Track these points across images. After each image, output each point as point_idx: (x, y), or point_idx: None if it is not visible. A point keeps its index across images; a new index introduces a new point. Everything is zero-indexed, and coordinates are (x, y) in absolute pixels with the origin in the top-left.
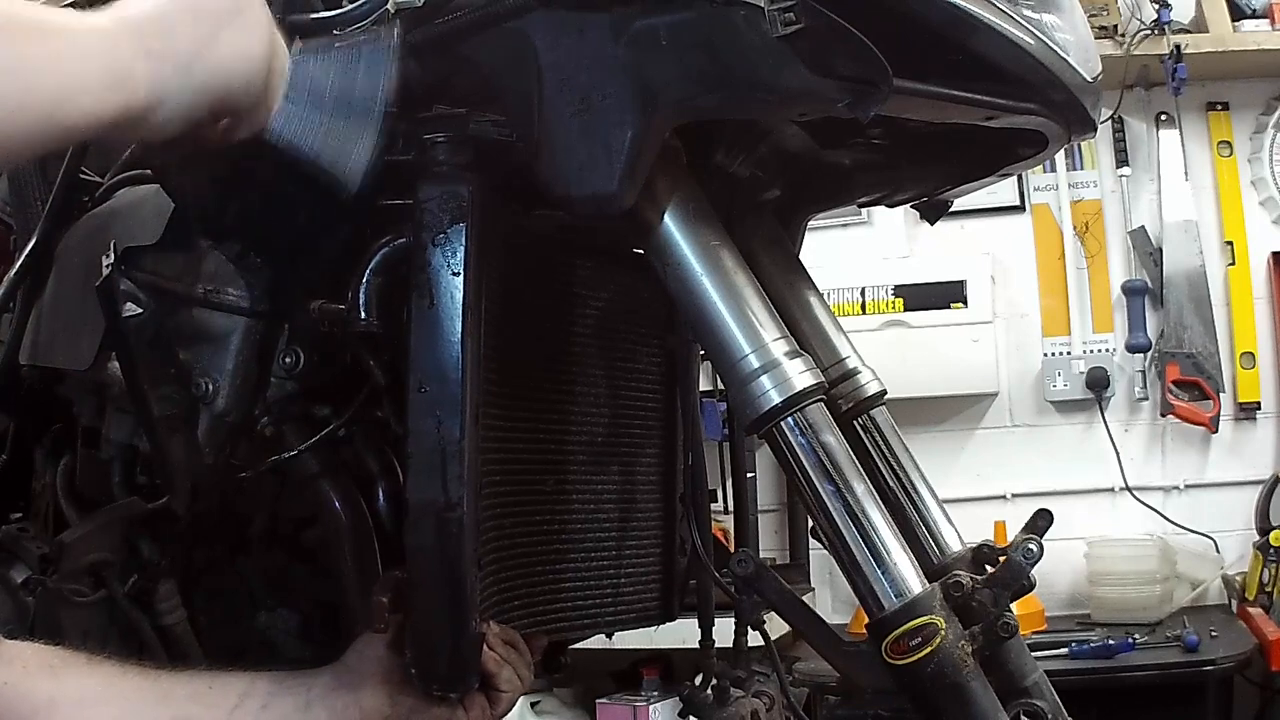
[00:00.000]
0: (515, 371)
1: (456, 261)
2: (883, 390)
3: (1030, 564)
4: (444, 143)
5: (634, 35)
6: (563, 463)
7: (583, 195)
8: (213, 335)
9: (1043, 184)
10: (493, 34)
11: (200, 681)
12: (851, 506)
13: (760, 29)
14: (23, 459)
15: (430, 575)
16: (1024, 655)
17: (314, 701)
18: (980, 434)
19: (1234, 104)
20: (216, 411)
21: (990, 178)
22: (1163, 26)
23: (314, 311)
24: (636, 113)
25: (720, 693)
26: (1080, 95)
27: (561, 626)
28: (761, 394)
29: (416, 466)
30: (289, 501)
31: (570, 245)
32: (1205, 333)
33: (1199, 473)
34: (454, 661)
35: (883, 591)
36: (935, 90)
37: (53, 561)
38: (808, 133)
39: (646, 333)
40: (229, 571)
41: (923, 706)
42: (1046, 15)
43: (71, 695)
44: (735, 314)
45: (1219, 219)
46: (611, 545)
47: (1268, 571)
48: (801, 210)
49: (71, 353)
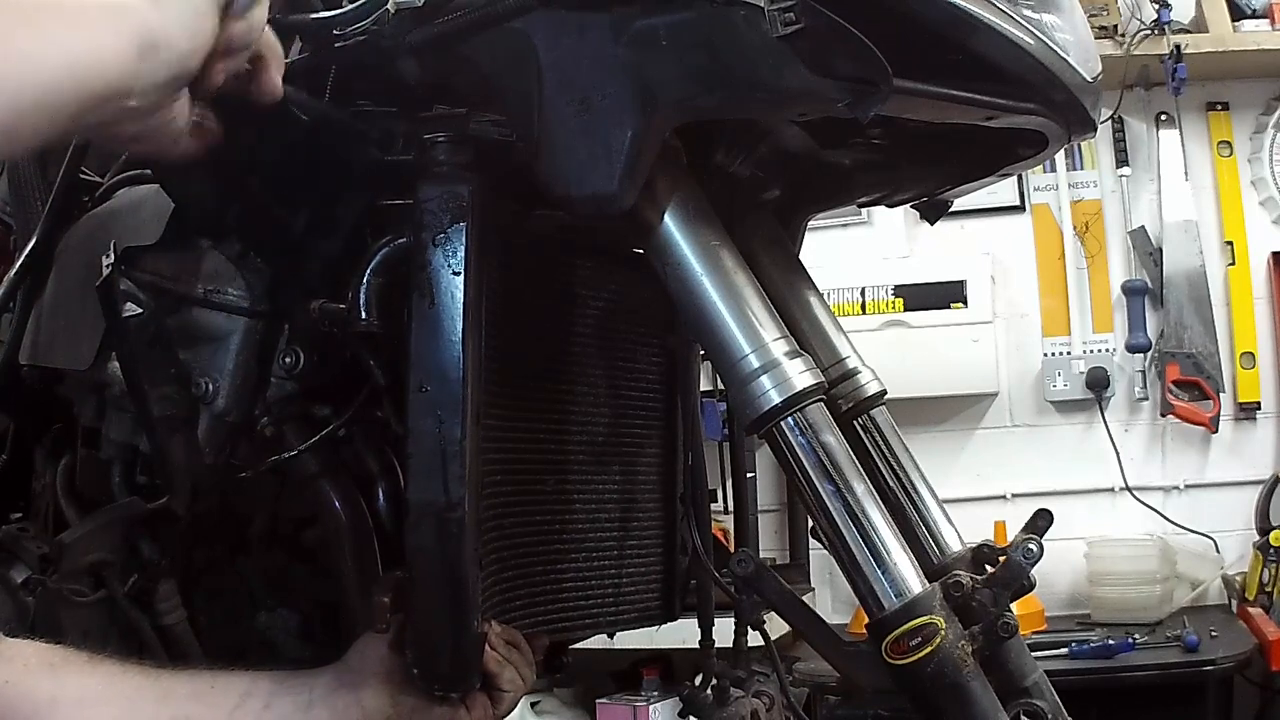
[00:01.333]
0: (516, 371)
1: (457, 261)
2: (883, 390)
3: (1030, 564)
4: (444, 143)
5: (634, 35)
6: (563, 463)
7: (583, 195)
8: (213, 335)
9: (1043, 184)
10: (493, 34)
11: (201, 681)
12: (851, 506)
13: (760, 29)
14: (23, 459)
15: (431, 575)
16: (1024, 655)
17: (316, 701)
18: (980, 434)
19: (1234, 104)
20: (216, 411)
21: (990, 178)
22: (1163, 26)
23: (314, 311)
24: (636, 113)
25: (720, 693)
26: (1080, 95)
27: (562, 626)
28: (761, 394)
29: (417, 466)
30: (289, 501)
31: (570, 245)
32: (1205, 333)
33: (1199, 473)
34: (455, 661)
35: (883, 591)
36: (935, 90)
37: (53, 561)
38: (808, 133)
39: (646, 333)
40: (229, 571)
41: (923, 706)
42: (1046, 15)
43: (72, 694)
44: (735, 314)
45: (1219, 219)
46: (612, 545)
47: (1268, 571)
48: (801, 210)
49: (71, 353)
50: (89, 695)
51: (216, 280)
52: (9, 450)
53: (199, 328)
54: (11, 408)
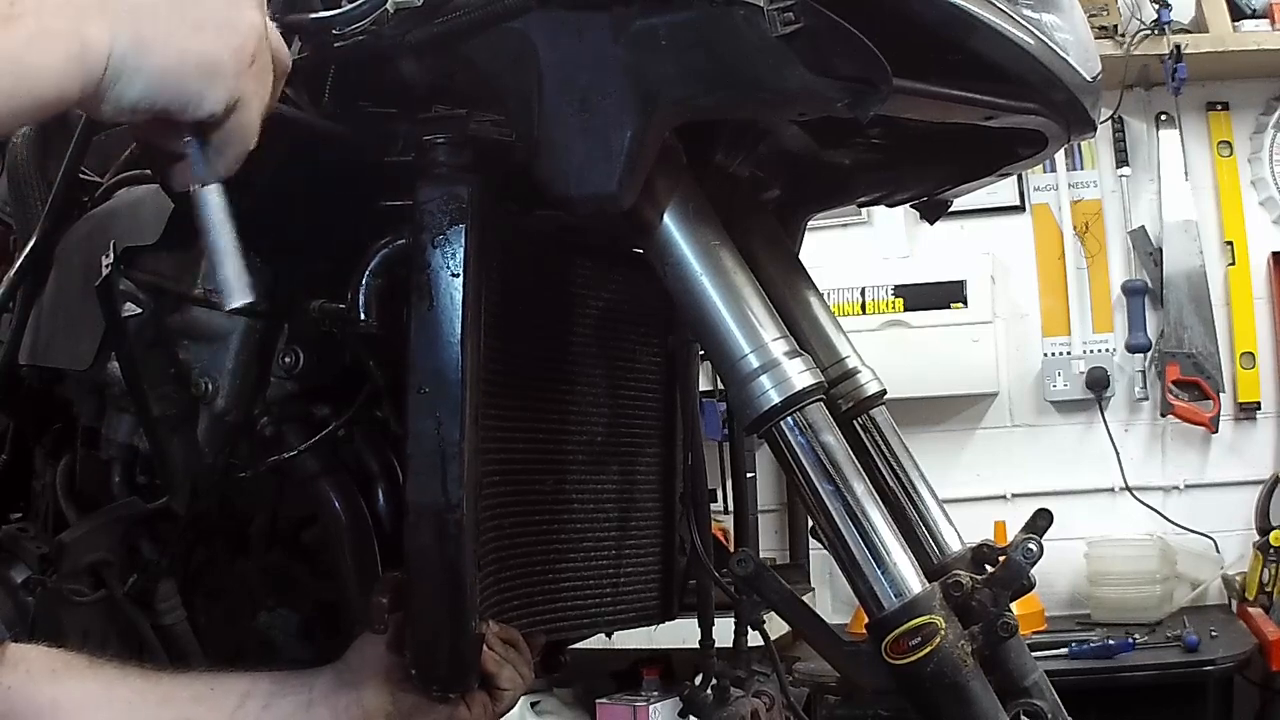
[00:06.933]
0: (515, 372)
1: (456, 262)
2: (882, 390)
3: (1030, 564)
4: (444, 144)
5: (634, 35)
6: (562, 463)
7: (583, 195)
8: (213, 335)
9: (1043, 184)
10: (492, 34)
11: (202, 683)
12: (851, 506)
13: (760, 29)
14: (23, 459)
15: (430, 576)
16: (1024, 655)
17: (316, 701)
18: (980, 434)
19: (1234, 104)
20: (216, 411)
21: (990, 178)
22: (1163, 26)
23: (314, 311)
24: (636, 112)
25: (720, 693)
26: (1080, 95)
27: (561, 626)
28: (761, 394)
29: (416, 467)
30: (289, 501)
31: (570, 245)
32: (1205, 333)
33: (1199, 473)
34: (454, 661)
35: (882, 591)
36: (935, 90)
37: (53, 561)
38: (808, 133)
39: (646, 333)
40: (229, 571)
41: (922, 706)
42: (1046, 15)
43: (73, 699)
44: (735, 314)
45: (1219, 219)
46: (611, 545)
47: (1268, 571)
48: (801, 210)
49: (71, 353)
50: (89, 699)
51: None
52: (9, 450)
53: (199, 328)
54: (11, 408)
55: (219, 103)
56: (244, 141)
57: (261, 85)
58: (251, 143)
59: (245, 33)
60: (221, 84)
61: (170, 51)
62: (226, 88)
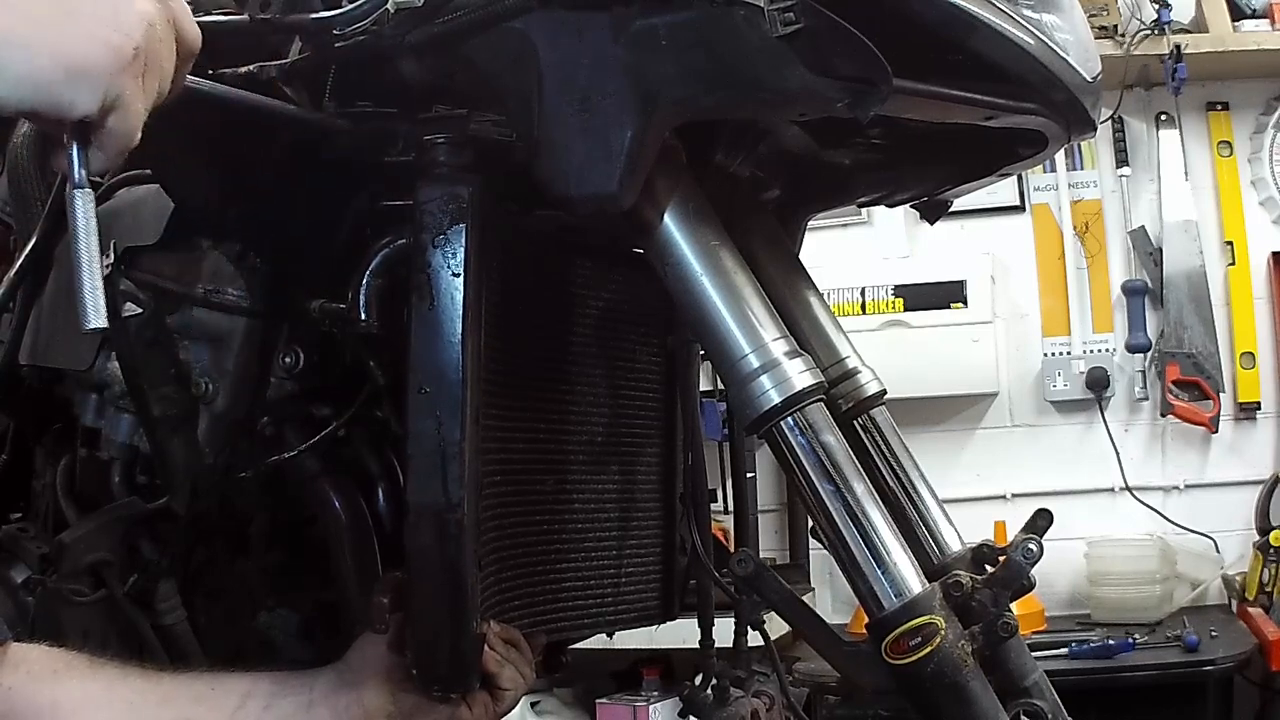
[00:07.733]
0: (515, 372)
1: (456, 262)
2: (883, 390)
3: (1030, 564)
4: (444, 144)
5: (634, 35)
6: (563, 463)
7: (583, 195)
8: (213, 335)
9: (1043, 184)
10: (493, 34)
11: (202, 683)
12: (851, 506)
13: (760, 29)
14: (23, 459)
15: (431, 576)
16: (1024, 655)
17: (316, 701)
18: (980, 434)
19: (1234, 104)
20: (216, 411)
21: (990, 178)
22: (1163, 26)
23: (314, 311)
24: (636, 112)
25: (720, 693)
26: (1080, 95)
27: (562, 626)
28: (761, 394)
29: (417, 467)
30: (289, 501)
31: (570, 245)
32: (1205, 333)
33: (1199, 473)
34: (455, 662)
35: (883, 591)
36: (935, 90)
37: (53, 561)
38: (808, 133)
39: (646, 333)
40: (229, 571)
41: (922, 706)
42: (1046, 15)
43: (74, 699)
44: (735, 314)
45: (1219, 219)
46: (612, 545)
47: (1268, 571)
48: (801, 210)
49: (71, 353)
50: (90, 700)
51: (216, 280)
52: (9, 450)
53: (199, 328)
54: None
55: (92, 105)
56: (123, 142)
57: (149, 79)
58: (133, 142)
59: (128, 27)
60: (94, 86)
61: (40, 51)
62: (100, 89)
